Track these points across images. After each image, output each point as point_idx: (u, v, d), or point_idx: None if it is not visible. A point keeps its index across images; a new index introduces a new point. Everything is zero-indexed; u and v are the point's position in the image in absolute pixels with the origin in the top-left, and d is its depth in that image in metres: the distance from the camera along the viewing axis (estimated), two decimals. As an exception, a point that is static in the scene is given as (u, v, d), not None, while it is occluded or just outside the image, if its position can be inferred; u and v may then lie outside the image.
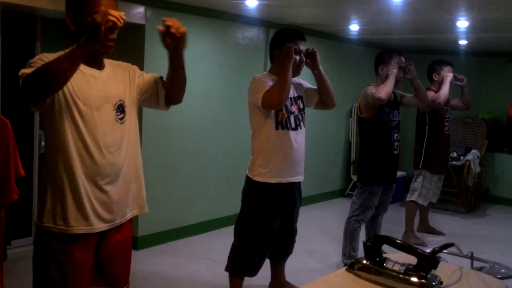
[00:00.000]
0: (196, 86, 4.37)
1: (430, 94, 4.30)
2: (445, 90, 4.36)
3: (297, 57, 2.91)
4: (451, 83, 4.42)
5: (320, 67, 3.02)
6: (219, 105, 4.73)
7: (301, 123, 3.02)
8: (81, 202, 1.83)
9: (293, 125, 2.95)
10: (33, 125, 4.01)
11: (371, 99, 3.58)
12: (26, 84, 1.63)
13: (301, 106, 3.04)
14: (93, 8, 1.77)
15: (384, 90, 3.51)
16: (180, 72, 1.97)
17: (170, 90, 2.03)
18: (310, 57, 3.00)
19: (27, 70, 1.67)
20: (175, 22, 1.78)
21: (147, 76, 2.06)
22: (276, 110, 2.88)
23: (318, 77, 3.05)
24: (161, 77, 2.07)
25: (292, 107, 2.97)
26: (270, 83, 2.85)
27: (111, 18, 1.60)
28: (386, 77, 3.65)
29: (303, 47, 2.96)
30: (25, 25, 3.89)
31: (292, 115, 2.96)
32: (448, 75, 4.43)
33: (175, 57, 1.91)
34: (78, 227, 1.84)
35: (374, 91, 3.55)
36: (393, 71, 3.63)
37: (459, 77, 4.51)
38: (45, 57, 1.73)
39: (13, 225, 3.81)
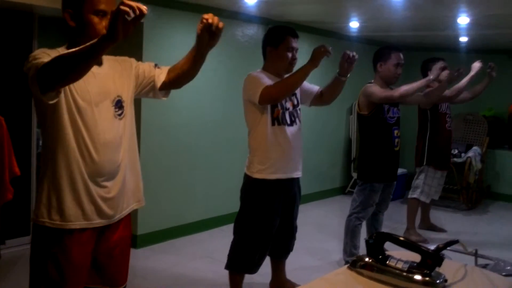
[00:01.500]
0: (194, 84, 4.28)
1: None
2: (463, 82, 4.30)
3: (290, 54, 2.91)
4: (476, 74, 4.31)
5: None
6: (218, 103, 4.70)
7: (296, 119, 3.00)
8: (79, 197, 1.81)
9: (288, 121, 2.93)
10: (30, 124, 3.98)
11: (377, 98, 3.55)
12: (44, 71, 1.58)
13: (295, 102, 3.02)
14: (93, 5, 1.75)
15: (401, 91, 3.54)
16: (201, 62, 1.96)
17: (182, 75, 2.00)
18: (349, 62, 2.93)
19: (40, 60, 1.64)
20: (214, 19, 1.75)
21: (143, 66, 2.03)
22: (271, 106, 2.86)
23: (340, 83, 3.02)
24: (156, 64, 2.04)
25: (287, 103, 2.95)
26: (266, 79, 2.83)
27: (122, 8, 1.42)
28: (385, 75, 3.63)
29: (295, 44, 2.94)
30: (22, 23, 3.86)
31: (287, 112, 2.94)
32: (476, 66, 4.28)
33: (204, 50, 1.88)
34: (75, 222, 1.81)
35: (376, 90, 3.54)
36: (433, 76, 3.66)
37: (492, 65, 4.38)
38: (47, 52, 1.71)
39: (10, 224, 3.78)
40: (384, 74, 3.66)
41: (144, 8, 1.46)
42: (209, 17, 1.76)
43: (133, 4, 1.44)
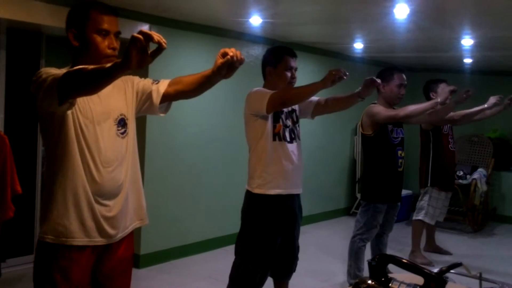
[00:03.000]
0: (199, 103, 4.36)
1: None
2: (473, 110, 4.29)
3: (289, 74, 2.94)
4: (489, 108, 4.23)
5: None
6: (222, 123, 4.71)
7: (296, 137, 3.01)
8: (82, 214, 1.80)
9: (287, 139, 2.94)
10: (36, 143, 4.00)
11: (382, 118, 3.56)
12: (67, 80, 1.60)
13: (295, 119, 3.03)
14: (96, 24, 1.79)
15: (406, 112, 3.54)
16: (209, 88, 2.00)
17: (185, 92, 2.00)
18: (373, 87, 2.95)
19: (54, 73, 1.66)
20: (237, 54, 1.75)
21: (143, 82, 2.02)
22: (273, 121, 2.87)
23: (354, 102, 3.03)
24: (154, 80, 2.02)
25: (287, 120, 2.97)
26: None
27: (135, 35, 1.42)
28: (388, 95, 3.64)
29: (294, 63, 2.97)
30: (30, 42, 3.92)
31: (287, 129, 2.95)
32: (491, 101, 4.19)
33: (217, 80, 1.93)
34: (76, 238, 1.80)
35: (380, 110, 3.54)
36: (441, 99, 3.62)
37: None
38: (53, 70, 1.71)
39: (12, 242, 3.77)
40: (387, 95, 3.67)
41: (163, 41, 1.47)
42: (233, 53, 1.74)
43: (150, 33, 1.44)
